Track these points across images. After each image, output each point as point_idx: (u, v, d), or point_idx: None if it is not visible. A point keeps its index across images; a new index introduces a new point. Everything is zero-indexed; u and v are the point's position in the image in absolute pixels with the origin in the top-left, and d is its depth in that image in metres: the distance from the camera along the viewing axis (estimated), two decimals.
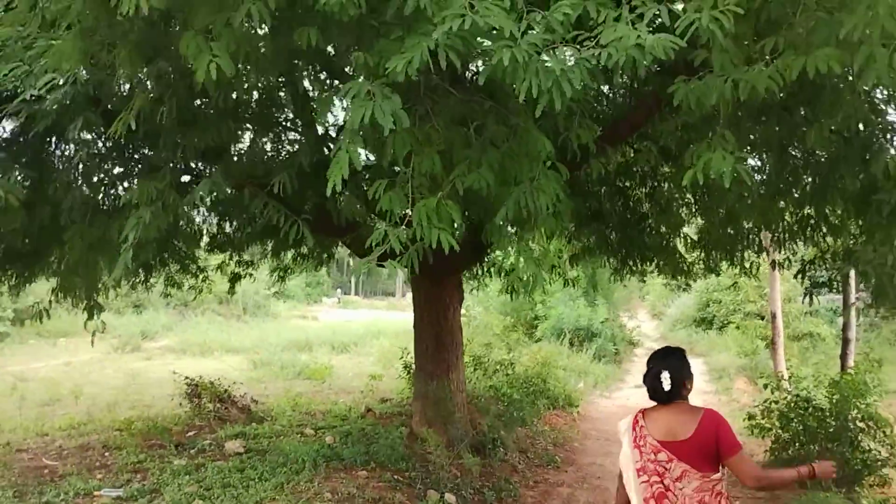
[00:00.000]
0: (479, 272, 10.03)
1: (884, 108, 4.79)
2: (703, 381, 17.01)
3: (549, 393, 11.79)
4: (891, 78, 3.05)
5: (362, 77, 3.27)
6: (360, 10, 3.00)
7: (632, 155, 7.24)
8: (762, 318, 22.45)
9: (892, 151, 4.71)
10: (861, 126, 4.62)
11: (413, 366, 8.83)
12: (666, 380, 3.31)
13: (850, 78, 3.93)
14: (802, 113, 4.95)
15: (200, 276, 9.87)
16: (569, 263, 10.14)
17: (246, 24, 3.07)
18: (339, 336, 22.27)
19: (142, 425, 8.96)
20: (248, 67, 3.59)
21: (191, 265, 9.21)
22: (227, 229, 8.36)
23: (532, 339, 18.48)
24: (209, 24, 3.08)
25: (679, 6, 3.05)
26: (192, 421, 9.52)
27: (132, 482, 6.66)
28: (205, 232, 8.41)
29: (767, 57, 3.27)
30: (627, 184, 8.32)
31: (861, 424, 8.15)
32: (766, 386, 9.38)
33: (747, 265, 8.47)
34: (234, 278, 9.89)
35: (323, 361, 16.26)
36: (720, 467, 3.25)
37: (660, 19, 3.06)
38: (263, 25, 3.10)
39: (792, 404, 8.53)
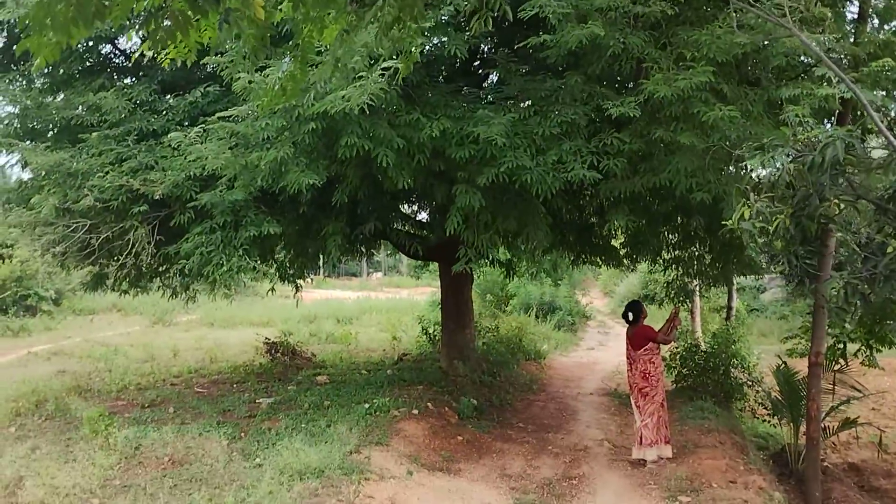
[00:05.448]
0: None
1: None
2: None
3: (523, 349, 15.92)
4: (688, 189, 7.11)
5: (463, 182, 7.27)
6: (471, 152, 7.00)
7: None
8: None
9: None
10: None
11: (430, 328, 12.94)
12: (629, 314, 8.06)
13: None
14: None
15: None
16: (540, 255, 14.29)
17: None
18: (337, 311, 26.18)
19: (250, 368, 12.88)
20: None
21: None
22: None
23: (505, 313, 22.54)
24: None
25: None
26: (275, 368, 13.39)
27: (272, 396, 10.58)
28: None
29: (641, 173, 7.40)
30: (581, 203, 12.42)
31: (732, 360, 12.47)
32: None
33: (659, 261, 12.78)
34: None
35: (343, 330, 20.16)
36: (641, 349, 7.90)
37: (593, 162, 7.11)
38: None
39: (687, 351, 12.74)
